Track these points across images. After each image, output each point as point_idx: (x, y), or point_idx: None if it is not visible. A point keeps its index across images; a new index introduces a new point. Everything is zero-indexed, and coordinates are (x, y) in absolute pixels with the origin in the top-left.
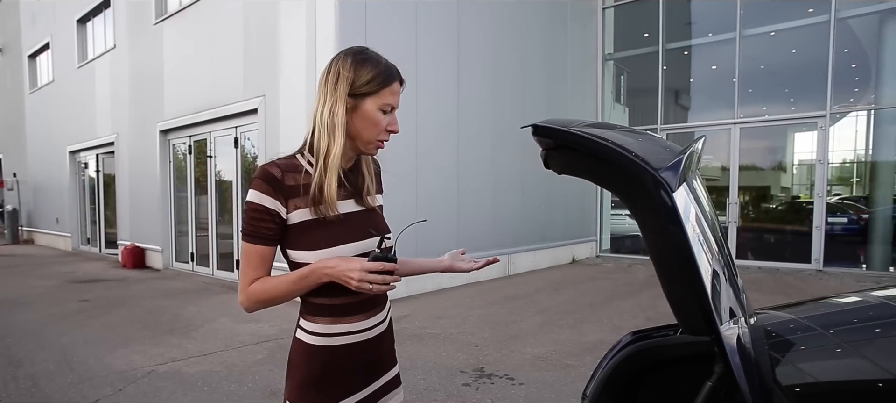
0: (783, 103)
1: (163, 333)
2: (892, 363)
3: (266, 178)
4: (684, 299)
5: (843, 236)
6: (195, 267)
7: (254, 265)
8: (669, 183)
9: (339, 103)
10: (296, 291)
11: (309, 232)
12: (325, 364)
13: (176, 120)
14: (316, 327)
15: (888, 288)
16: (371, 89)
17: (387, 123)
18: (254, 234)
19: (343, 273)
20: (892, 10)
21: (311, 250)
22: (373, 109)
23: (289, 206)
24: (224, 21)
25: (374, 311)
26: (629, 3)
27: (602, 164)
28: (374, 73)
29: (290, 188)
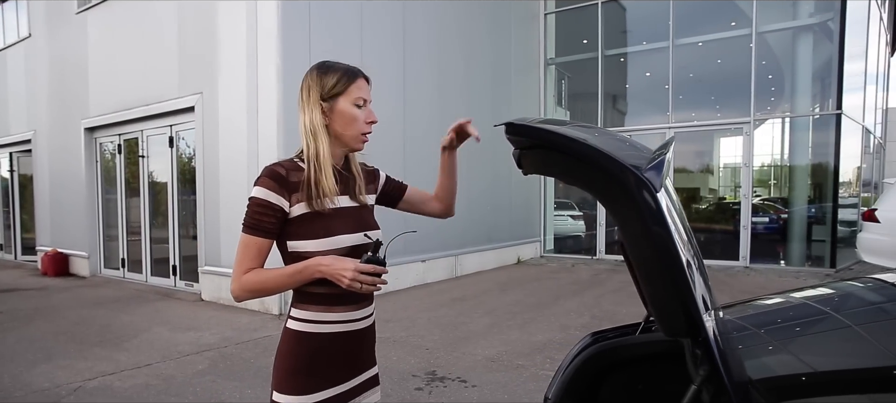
0: (711, 109)
1: (91, 345)
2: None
3: (273, 176)
4: (667, 301)
5: (765, 234)
6: (127, 274)
7: (251, 256)
8: (653, 183)
9: (315, 109)
10: (289, 284)
11: (308, 223)
12: (313, 351)
13: (103, 117)
14: (307, 314)
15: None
16: (339, 89)
17: (364, 116)
18: (255, 227)
19: (337, 271)
20: (802, 27)
21: (310, 239)
22: (347, 106)
23: (292, 200)
24: (156, 14)
25: (363, 304)
26: (569, 9)
27: (580, 164)
28: (338, 75)
29: (294, 184)
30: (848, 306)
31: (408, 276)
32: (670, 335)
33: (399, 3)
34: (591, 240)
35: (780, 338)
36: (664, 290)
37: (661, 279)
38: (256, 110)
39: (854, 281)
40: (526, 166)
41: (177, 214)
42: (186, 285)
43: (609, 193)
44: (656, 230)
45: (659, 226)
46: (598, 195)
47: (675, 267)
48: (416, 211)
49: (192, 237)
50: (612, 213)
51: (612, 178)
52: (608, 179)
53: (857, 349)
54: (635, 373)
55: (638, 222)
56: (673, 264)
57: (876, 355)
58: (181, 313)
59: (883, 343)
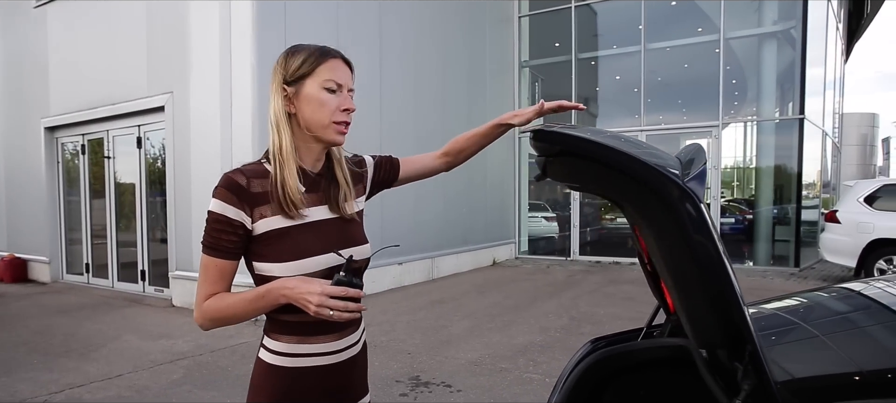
0: (680, 113)
1: (56, 356)
2: (790, 366)
3: (229, 186)
4: (706, 313)
5: (732, 235)
6: (91, 279)
7: (211, 280)
8: (697, 193)
9: (278, 96)
10: (252, 311)
11: (274, 242)
12: (288, 388)
13: (65, 116)
14: (279, 346)
15: (771, 302)
16: (306, 70)
17: (339, 102)
18: (213, 246)
19: (301, 295)
20: (766, 34)
21: (276, 261)
22: (315, 90)
23: (254, 215)
24: (123, 10)
25: (346, 331)
26: (543, 12)
27: (613, 173)
28: (305, 55)
29: (256, 195)
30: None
31: (385, 279)
32: (705, 347)
33: (375, 4)
34: (564, 241)
35: (794, 340)
36: (705, 302)
37: (703, 290)
38: (230, 110)
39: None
40: (552, 175)
41: (145, 216)
42: (156, 290)
43: (645, 204)
44: (699, 241)
45: (703, 236)
46: (632, 206)
47: (722, 278)
48: (414, 179)
49: (162, 241)
50: (647, 224)
51: (649, 188)
52: (645, 189)
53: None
54: (638, 380)
55: (678, 234)
56: (720, 274)
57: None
58: (152, 319)
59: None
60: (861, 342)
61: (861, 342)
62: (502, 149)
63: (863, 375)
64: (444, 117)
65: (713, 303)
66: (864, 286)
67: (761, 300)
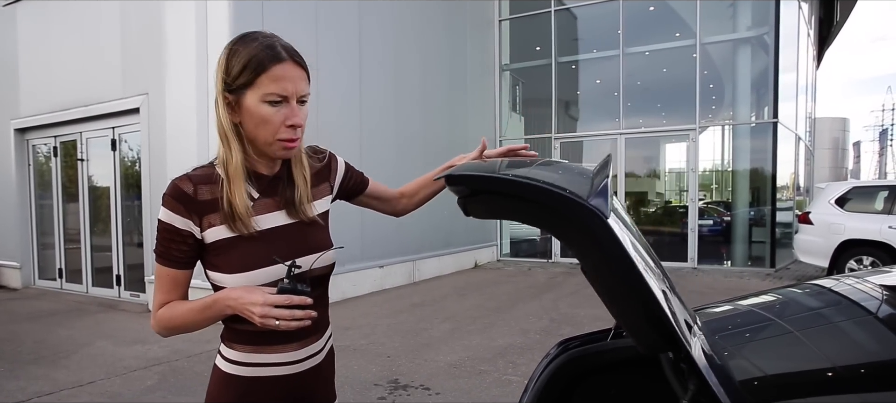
0: (658, 116)
1: (24, 363)
2: (762, 363)
3: (176, 194)
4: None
5: (710, 236)
6: (65, 284)
7: (165, 289)
8: (602, 211)
9: (221, 104)
10: (202, 321)
11: (224, 252)
12: (243, 398)
13: (36, 118)
14: (235, 354)
15: (749, 298)
16: (246, 80)
17: (283, 117)
18: (164, 255)
19: (244, 306)
20: (741, 39)
21: (227, 272)
22: (255, 104)
23: (203, 224)
24: (96, 9)
25: (308, 340)
26: (523, 16)
27: (526, 204)
28: (245, 59)
29: (205, 204)
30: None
31: (366, 282)
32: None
33: (355, 5)
34: (545, 243)
35: (759, 339)
36: (633, 312)
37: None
38: (207, 113)
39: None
40: (473, 213)
41: (121, 220)
42: (132, 295)
43: (560, 228)
44: (615, 255)
45: (616, 250)
46: (552, 231)
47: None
48: (373, 207)
49: (138, 245)
50: (568, 246)
51: (559, 213)
52: (556, 214)
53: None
54: (608, 380)
55: (594, 251)
56: (637, 285)
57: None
58: (127, 325)
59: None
60: (830, 337)
61: (830, 338)
62: None
63: (832, 370)
64: (426, 121)
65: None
66: (835, 283)
67: (734, 298)
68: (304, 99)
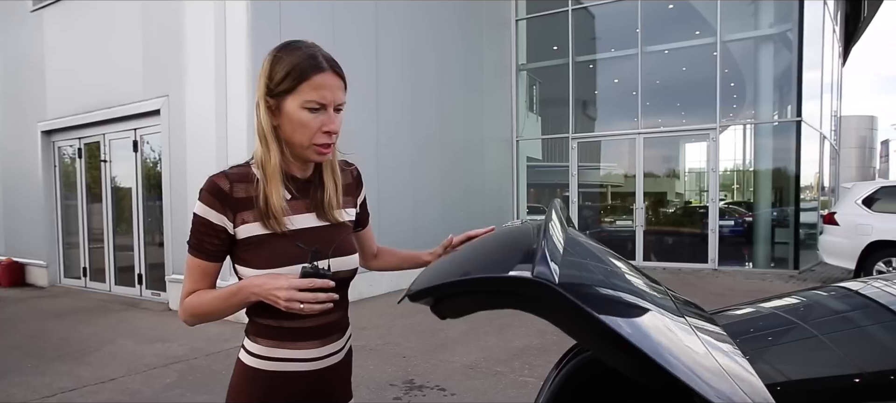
0: (678, 116)
1: (50, 360)
2: (786, 368)
3: (212, 190)
4: (638, 368)
5: (731, 237)
6: (89, 283)
7: (194, 278)
8: (547, 278)
9: (263, 107)
10: (227, 308)
11: (254, 249)
12: (264, 392)
13: (62, 120)
14: (257, 348)
15: (772, 300)
16: (288, 86)
17: (320, 123)
18: (197, 248)
19: (270, 292)
20: (764, 36)
21: (256, 268)
22: (294, 109)
23: (237, 220)
24: (119, 13)
25: (329, 339)
26: (540, 16)
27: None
28: (289, 67)
29: (239, 201)
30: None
31: (382, 282)
32: (661, 388)
33: (371, 4)
34: None
35: (782, 343)
36: (630, 363)
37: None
38: (225, 114)
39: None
40: (448, 315)
41: (142, 220)
42: (153, 294)
43: (523, 305)
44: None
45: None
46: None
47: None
48: (360, 246)
49: (159, 245)
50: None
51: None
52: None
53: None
54: (623, 383)
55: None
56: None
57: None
58: (148, 323)
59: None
60: (858, 342)
61: (858, 343)
62: (500, 155)
63: (860, 376)
64: (442, 121)
65: (640, 362)
66: (862, 286)
67: (756, 300)
68: (340, 107)
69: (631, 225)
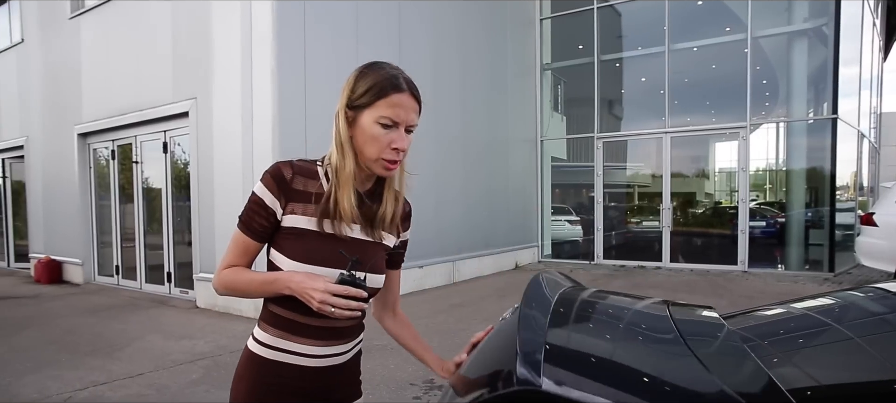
0: (707, 114)
1: (83, 354)
2: (817, 371)
3: (274, 174)
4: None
5: (763, 238)
6: (121, 281)
7: (236, 253)
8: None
9: (342, 116)
10: (260, 293)
11: (294, 239)
12: (264, 379)
13: (96, 123)
14: (265, 336)
15: (805, 300)
16: (366, 101)
17: (390, 139)
18: (246, 223)
19: (306, 290)
20: (797, 31)
21: (289, 257)
22: (369, 123)
23: (287, 208)
24: (150, 18)
25: (335, 341)
26: (565, 14)
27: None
28: (371, 83)
29: (295, 192)
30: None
31: (405, 282)
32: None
33: (395, 4)
34: (588, 245)
35: (813, 345)
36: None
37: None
38: (251, 115)
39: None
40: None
41: (171, 220)
42: (181, 292)
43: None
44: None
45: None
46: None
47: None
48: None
49: (187, 244)
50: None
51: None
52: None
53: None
54: None
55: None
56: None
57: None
58: (175, 320)
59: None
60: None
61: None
62: (524, 153)
63: None
64: (465, 122)
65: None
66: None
67: (786, 300)
68: (411, 129)
69: (658, 226)
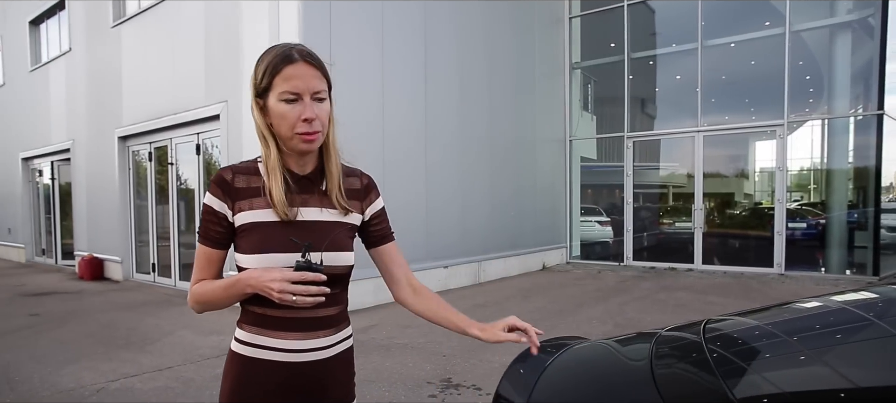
0: (743, 112)
1: (117, 347)
2: (855, 370)
3: (217, 180)
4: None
5: (803, 240)
6: (157, 278)
7: (201, 266)
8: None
9: (254, 108)
10: (227, 298)
11: (247, 234)
12: (243, 377)
13: (135, 126)
14: (243, 335)
15: (845, 293)
16: (266, 84)
17: (298, 112)
18: (203, 235)
19: (263, 284)
20: (840, 24)
21: (246, 252)
22: (274, 104)
23: (235, 208)
24: (185, 24)
25: (317, 333)
26: (594, 12)
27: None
28: (265, 65)
29: (238, 190)
30: None
31: (430, 282)
32: None
33: (421, 4)
34: (618, 246)
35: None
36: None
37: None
38: None
39: None
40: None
41: None
42: None
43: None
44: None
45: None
46: None
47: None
48: (380, 271)
49: None
50: None
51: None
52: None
53: None
54: None
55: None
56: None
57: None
58: (206, 317)
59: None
60: None
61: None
62: (552, 153)
63: None
64: (492, 122)
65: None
66: None
67: (827, 293)
68: (319, 96)
69: (690, 227)
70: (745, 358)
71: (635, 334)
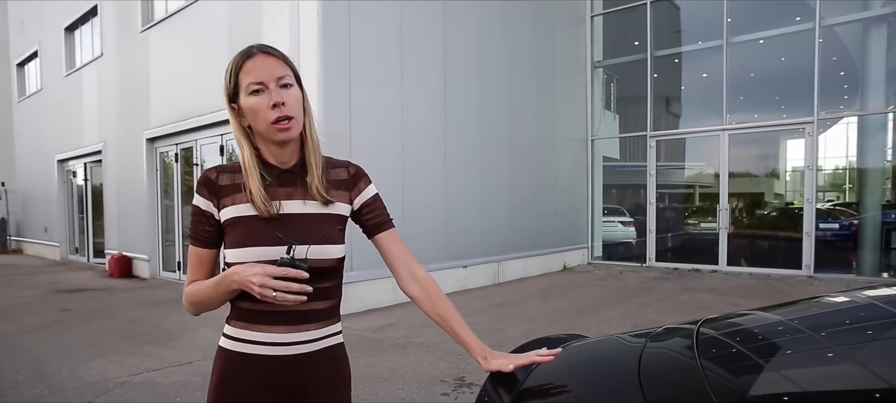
0: (771, 110)
1: (141, 343)
2: (888, 368)
3: (203, 181)
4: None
5: (834, 241)
6: (182, 276)
7: (193, 266)
8: None
9: (230, 114)
10: (215, 296)
11: (232, 229)
12: (227, 372)
13: (162, 128)
14: (230, 330)
15: (877, 288)
16: (233, 85)
17: (267, 102)
18: (194, 235)
19: (245, 279)
20: (875, 18)
21: (232, 247)
22: (245, 101)
23: (219, 205)
24: (209, 26)
25: (302, 326)
26: (617, 10)
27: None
28: (229, 69)
29: (222, 188)
30: None
31: (449, 282)
32: None
33: (440, 4)
34: (641, 247)
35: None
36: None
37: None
38: None
39: None
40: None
41: None
42: None
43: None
44: None
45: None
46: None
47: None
48: (384, 259)
49: None
50: None
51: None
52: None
53: None
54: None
55: None
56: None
57: None
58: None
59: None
60: None
61: None
62: (573, 153)
63: None
64: (512, 121)
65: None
66: None
67: (854, 288)
68: (283, 81)
69: (715, 228)
70: (735, 359)
71: (644, 331)
